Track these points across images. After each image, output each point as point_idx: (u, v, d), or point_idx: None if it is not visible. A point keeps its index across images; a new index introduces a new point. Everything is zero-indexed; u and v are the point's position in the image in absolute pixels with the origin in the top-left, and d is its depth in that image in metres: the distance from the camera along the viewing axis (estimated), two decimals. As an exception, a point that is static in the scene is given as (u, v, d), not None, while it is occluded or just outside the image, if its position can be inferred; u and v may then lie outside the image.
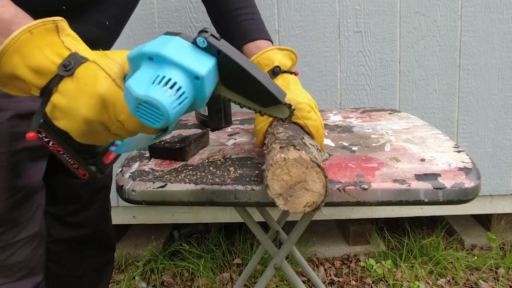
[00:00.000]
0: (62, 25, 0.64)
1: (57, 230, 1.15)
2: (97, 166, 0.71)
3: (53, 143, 0.67)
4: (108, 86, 0.61)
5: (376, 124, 1.26)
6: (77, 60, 0.62)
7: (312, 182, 0.74)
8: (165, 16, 1.86)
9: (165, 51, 0.60)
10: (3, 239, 0.87)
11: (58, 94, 0.61)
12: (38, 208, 0.94)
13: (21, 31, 0.59)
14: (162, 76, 0.59)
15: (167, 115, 0.58)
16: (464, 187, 0.79)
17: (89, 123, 0.62)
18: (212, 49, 0.64)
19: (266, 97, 0.71)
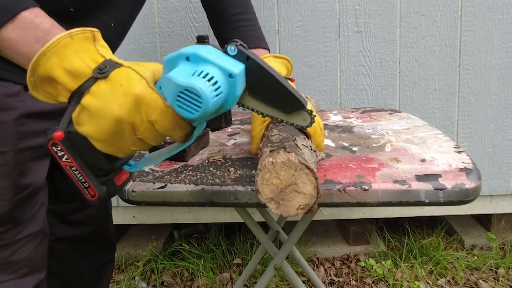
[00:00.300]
0: (98, 35, 0.67)
1: (59, 228, 1.16)
2: (108, 186, 0.70)
3: (67, 158, 0.67)
4: (142, 87, 0.63)
5: (376, 124, 1.26)
6: (112, 65, 0.65)
7: (303, 184, 0.74)
8: (165, 16, 1.86)
9: (201, 51, 0.65)
10: (6, 237, 0.87)
11: (90, 96, 0.63)
12: (41, 206, 0.95)
13: (63, 35, 0.62)
14: (200, 71, 0.63)
15: (206, 104, 0.62)
16: (464, 188, 0.78)
17: (119, 123, 0.62)
18: (242, 57, 0.68)
19: (290, 103, 0.74)
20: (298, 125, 0.78)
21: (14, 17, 0.63)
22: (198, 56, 0.65)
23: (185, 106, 0.62)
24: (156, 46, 1.89)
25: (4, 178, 0.85)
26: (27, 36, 0.63)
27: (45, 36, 0.64)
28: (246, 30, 1.18)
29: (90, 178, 0.68)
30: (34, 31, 0.64)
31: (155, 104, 0.63)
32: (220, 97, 0.65)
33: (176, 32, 1.88)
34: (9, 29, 0.63)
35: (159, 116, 0.64)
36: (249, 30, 1.18)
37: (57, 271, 1.16)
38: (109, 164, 0.69)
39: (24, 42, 0.63)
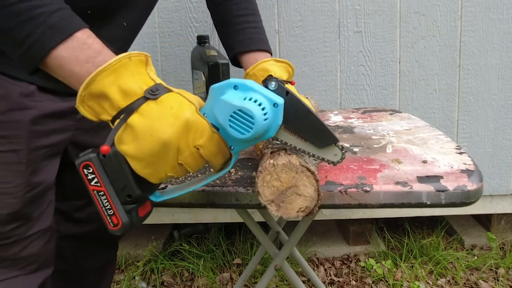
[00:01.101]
0: (149, 59, 0.71)
1: (63, 226, 1.17)
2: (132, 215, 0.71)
3: (97, 181, 0.68)
4: (192, 112, 0.67)
5: (377, 124, 1.26)
6: (163, 89, 0.68)
7: (304, 186, 0.74)
8: (165, 16, 1.86)
9: (248, 82, 0.71)
10: (18, 233, 0.89)
11: (138, 115, 0.65)
12: (49, 204, 0.96)
13: (123, 56, 0.65)
14: (250, 97, 0.69)
15: (257, 125, 0.67)
16: (466, 190, 0.78)
17: (166, 144, 0.64)
18: (281, 91, 0.73)
19: (324, 137, 0.76)
20: (329, 160, 0.78)
21: (68, 37, 0.65)
22: (245, 85, 0.71)
23: (237, 126, 0.68)
24: (156, 46, 1.89)
25: (18, 176, 0.87)
26: (79, 56, 0.65)
27: (96, 56, 0.66)
28: (250, 32, 1.17)
29: (116, 205, 0.69)
30: (87, 51, 0.66)
31: (203, 128, 0.67)
32: (266, 123, 0.70)
33: (176, 32, 1.87)
34: (62, 49, 0.65)
35: (206, 140, 0.68)
36: (252, 32, 1.18)
37: (60, 269, 1.16)
38: (139, 190, 0.69)
39: (75, 61, 0.65)
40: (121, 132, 0.65)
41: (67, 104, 0.94)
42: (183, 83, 1.91)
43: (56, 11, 0.65)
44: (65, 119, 0.96)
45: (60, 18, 0.65)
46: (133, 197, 0.69)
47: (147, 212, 0.75)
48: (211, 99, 0.72)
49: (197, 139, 0.67)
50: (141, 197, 0.70)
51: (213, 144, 0.69)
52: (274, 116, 0.71)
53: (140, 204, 0.72)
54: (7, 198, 0.86)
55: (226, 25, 1.22)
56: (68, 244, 1.19)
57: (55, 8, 0.66)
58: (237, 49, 1.17)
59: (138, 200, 0.71)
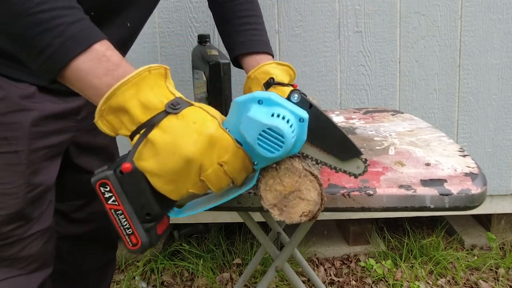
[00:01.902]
0: (168, 73, 0.69)
1: (62, 226, 1.17)
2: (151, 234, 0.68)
3: (114, 200, 0.66)
4: (216, 127, 0.65)
5: (379, 125, 1.26)
6: (184, 103, 0.66)
7: (307, 191, 0.73)
8: (165, 16, 1.85)
9: (273, 96, 0.68)
10: (18, 233, 0.89)
11: (159, 130, 0.63)
12: (49, 204, 0.96)
13: (143, 69, 0.64)
14: (278, 113, 0.67)
15: (288, 144, 0.65)
16: (470, 194, 0.78)
17: (189, 161, 0.62)
18: (305, 104, 0.71)
19: (347, 150, 0.75)
20: (351, 172, 0.77)
21: (87, 48, 0.64)
22: (270, 100, 0.68)
23: (266, 145, 0.66)
24: (156, 46, 1.88)
25: (18, 176, 0.87)
26: (99, 68, 0.64)
27: (115, 69, 0.65)
28: (251, 34, 1.17)
29: (135, 224, 0.67)
30: (106, 63, 0.65)
31: (227, 144, 0.66)
32: (294, 140, 0.68)
33: (176, 32, 1.87)
34: (80, 61, 0.64)
35: (231, 156, 0.66)
36: (254, 34, 1.17)
37: (59, 269, 1.16)
38: (158, 208, 0.67)
39: (94, 73, 0.64)
40: (141, 148, 0.64)
41: (68, 104, 0.94)
42: (183, 83, 1.90)
43: (76, 21, 0.64)
44: (66, 120, 0.96)
45: (80, 29, 0.64)
46: (152, 215, 0.67)
47: (165, 228, 0.74)
48: (234, 113, 0.70)
49: (221, 156, 0.65)
50: (160, 215, 0.69)
51: (238, 161, 0.67)
52: (300, 131, 0.70)
53: (158, 221, 0.70)
54: (8, 199, 0.86)
55: (227, 25, 1.21)
56: (67, 244, 1.19)
57: (75, 19, 0.65)
58: (238, 51, 1.17)
59: (157, 218, 0.69)
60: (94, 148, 1.11)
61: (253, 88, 1.10)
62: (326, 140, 0.74)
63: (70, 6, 0.65)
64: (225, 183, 0.68)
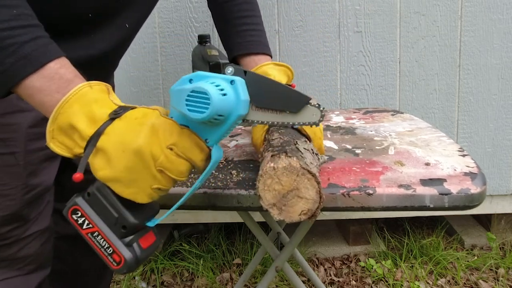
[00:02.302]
0: (111, 89, 0.70)
1: (62, 226, 1.16)
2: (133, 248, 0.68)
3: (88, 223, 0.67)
4: (156, 115, 0.66)
5: (379, 125, 1.26)
6: (126, 108, 0.68)
7: (305, 189, 0.73)
8: (165, 16, 1.85)
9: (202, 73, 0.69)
10: (15, 234, 0.89)
11: (105, 136, 0.64)
12: (47, 204, 0.97)
13: (83, 85, 0.65)
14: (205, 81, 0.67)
15: (214, 101, 0.63)
16: (470, 193, 0.78)
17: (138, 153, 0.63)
18: (240, 73, 0.71)
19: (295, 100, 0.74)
20: (310, 122, 0.76)
21: (40, 68, 0.65)
22: (199, 75, 0.68)
23: (194, 107, 0.64)
24: (156, 46, 1.89)
25: (15, 178, 0.87)
26: (50, 86, 0.65)
27: (66, 86, 0.66)
28: (250, 35, 1.17)
29: (113, 241, 0.67)
30: (58, 81, 0.65)
31: (171, 127, 0.66)
32: (226, 98, 0.66)
33: (176, 32, 1.87)
34: (34, 79, 0.64)
35: (177, 137, 0.66)
36: (252, 35, 1.17)
37: (59, 269, 1.16)
38: (132, 217, 0.67)
39: (46, 91, 0.65)
40: (93, 158, 0.65)
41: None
42: (183, 83, 1.90)
43: (29, 41, 0.65)
44: None
45: (34, 48, 0.64)
46: (127, 227, 0.67)
47: (152, 243, 0.72)
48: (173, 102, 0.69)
49: (167, 139, 0.65)
50: (137, 226, 0.68)
51: (185, 139, 0.67)
52: (234, 92, 0.68)
53: (140, 234, 0.69)
54: (4, 200, 0.86)
55: (226, 26, 1.21)
56: (66, 244, 1.19)
57: (29, 38, 0.65)
58: (236, 51, 1.17)
59: (135, 229, 0.68)
60: None
61: None
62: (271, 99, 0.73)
63: (25, 25, 0.66)
64: (183, 167, 0.68)
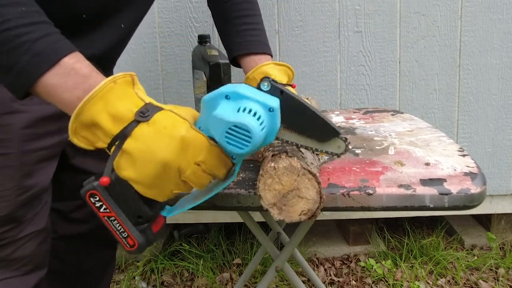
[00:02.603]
0: (135, 79, 0.69)
1: (61, 226, 1.16)
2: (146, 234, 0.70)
3: (106, 208, 0.67)
4: (187, 128, 0.65)
5: (379, 125, 1.26)
6: (154, 108, 0.66)
7: (305, 189, 0.74)
8: (165, 16, 1.85)
9: (240, 89, 0.68)
10: (10, 235, 0.89)
11: (132, 140, 0.63)
12: (44, 205, 0.96)
13: (107, 81, 0.63)
14: (244, 107, 0.66)
15: (256, 138, 0.64)
16: (470, 193, 0.78)
17: (165, 166, 0.63)
18: (275, 91, 0.71)
19: (325, 131, 0.74)
20: (333, 152, 0.77)
21: (55, 64, 0.64)
22: (237, 93, 0.67)
23: (234, 142, 0.65)
24: (156, 46, 1.89)
25: (8, 179, 0.86)
26: (67, 82, 0.64)
27: (84, 82, 0.64)
28: (250, 35, 1.17)
29: (129, 228, 0.68)
30: (74, 77, 0.64)
31: (200, 144, 0.65)
32: (264, 132, 0.67)
33: (176, 32, 1.87)
34: (49, 76, 0.63)
35: (206, 155, 0.66)
36: (252, 35, 1.17)
37: (58, 269, 1.16)
38: (149, 210, 0.68)
39: (63, 88, 0.64)
40: (118, 159, 0.64)
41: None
42: (183, 83, 1.91)
43: (41, 37, 0.64)
44: (61, 121, 0.94)
45: (46, 45, 0.64)
46: (144, 217, 0.68)
47: (161, 226, 0.74)
48: (204, 112, 0.69)
49: (196, 156, 0.65)
50: (152, 216, 0.70)
51: (214, 158, 0.67)
52: (271, 122, 0.69)
53: (152, 221, 0.71)
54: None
55: (226, 25, 1.21)
56: (65, 244, 1.18)
57: (41, 35, 0.64)
58: (236, 51, 1.17)
59: (149, 219, 0.70)
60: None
61: None
62: (302, 124, 0.74)
63: (36, 22, 0.65)
64: (206, 181, 0.69)
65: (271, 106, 0.68)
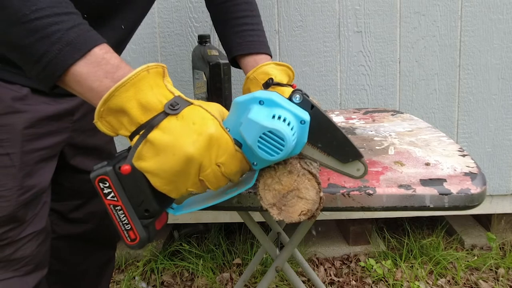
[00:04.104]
0: (166, 71, 0.69)
1: (60, 226, 1.16)
2: (149, 230, 0.69)
3: (113, 196, 0.66)
4: (216, 127, 0.65)
5: (379, 126, 1.26)
6: (184, 102, 0.66)
7: (305, 189, 0.73)
8: (165, 16, 1.85)
9: (275, 97, 0.68)
10: (11, 235, 0.89)
11: (159, 131, 0.63)
12: (44, 205, 0.96)
13: (141, 69, 0.63)
14: (279, 115, 0.66)
15: (288, 147, 0.65)
16: (470, 193, 0.78)
17: (189, 161, 0.62)
18: (306, 105, 0.70)
19: (349, 152, 0.74)
20: (351, 175, 0.76)
21: (86, 53, 0.64)
22: (272, 100, 0.67)
23: (266, 147, 0.65)
24: (156, 46, 1.89)
25: (10, 179, 0.86)
26: (98, 72, 0.64)
27: (115, 72, 0.65)
28: (249, 35, 1.17)
29: (134, 220, 0.67)
30: (105, 66, 0.65)
31: (226, 145, 0.65)
32: (295, 142, 0.67)
33: (176, 32, 1.87)
34: (80, 66, 0.64)
35: (229, 158, 0.66)
36: (252, 35, 1.17)
37: (57, 269, 1.16)
38: (157, 205, 0.68)
39: (94, 77, 0.64)
40: (141, 148, 0.64)
41: (63, 105, 0.94)
42: (183, 83, 1.91)
43: (73, 27, 0.64)
44: (61, 121, 0.96)
45: (78, 34, 0.64)
46: (151, 212, 0.67)
47: (164, 223, 0.74)
48: (234, 113, 0.69)
49: (219, 156, 0.65)
50: (159, 211, 0.69)
51: (235, 163, 0.67)
52: (301, 134, 0.69)
53: (157, 217, 0.70)
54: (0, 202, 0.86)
55: (225, 26, 1.21)
56: (64, 244, 1.19)
57: (72, 24, 0.64)
58: (236, 51, 1.17)
59: (156, 214, 0.69)
60: (90, 148, 1.10)
61: (252, 88, 1.10)
62: (327, 142, 0.73)
63: (67, 12, 0.65)
64: (223, 183, 0.68)
65: (303, 118, 0.68)
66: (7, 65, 0.81)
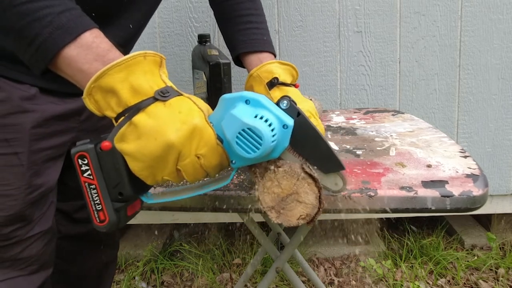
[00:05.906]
0: (163, 62, 0.71)
1: (64, 226, 1.17)
2: (120, 214, 0.69)
3: (90, 174, 0.67)
4: (200, 118, 0.65)
5: (379, 126, 1.25)
6: (174, 92, 0.67)
7: (305, 194, 0.73)
8: (165, 16, 1.85)
9: (261, 98, 0.69)
10: (18, 234, 0.89)
11: (145, 115, 0.64)
12: (51, 205, 0.97)
13: (138, 53, 0.65)
14: (261, 115, 0.67)
15: (265, 147, 0.65)
16: (472, 195, 0.78)
17: (169, 147, 0.63)
18: (292, 112, 0.71)
19: (330, 162, 0.73)
20: (329, 188, 0.76)
21: (76, 37, 0.65)
22: (258, 101, 0.68)
23: (244, 144, 0.66)
24: (156, 46, 1.88)
25: (19, 178, 0.87)
26: (88, 54, 0.65)
27: (105, 55, 0.66)
28: (253, 33, 1.16)
29: (106, 201, 0.68)
30: (95, 49, 0.66)
31: (208, 138, 0.66)
32: (273, 144, 0.68)
33: (176, 32, 1.86)
34: (70, 49, 0.65)
35: (209, 151, 0.66)
36: (256, 33, 1.16)
37: (60, 269, 1.17)
38: (132, 190, 0.68)
39: (84, 60, 0.65)
40: (124, 129, 0.64)
41: (70, 105, 0.94)
42: (183, 83, 1.90)
43: (64, 11, 0.65)
44: (69, 121, 0.96)
45: (69, 19, 0.65)
46: (124, 195, 0.68)
47: (136, 211, 0.74)
48: (220, 109, 0.70)
49: (200, 148, 0.65)
50: (132, 197, 0.69)
51: (215, 157, 0.68)
52: (282, 137, 0.69)
53: (129, 203, 0.71)
54: (8, 200, 0.86)
55: (229, 24, 1.20)
56: (69, 244, 1.19)
57: (64, 9, 0.65)
58: (240, 49, 1.16)
59: (129, 199, 0.69)
60: None
61: (255, 86, 1.09)
62: (309, 150, 0.73)
63: None
64: (200, 176, 0.69)
65: (286, 123, 0.69)
66: (16, 64, 0.81)
